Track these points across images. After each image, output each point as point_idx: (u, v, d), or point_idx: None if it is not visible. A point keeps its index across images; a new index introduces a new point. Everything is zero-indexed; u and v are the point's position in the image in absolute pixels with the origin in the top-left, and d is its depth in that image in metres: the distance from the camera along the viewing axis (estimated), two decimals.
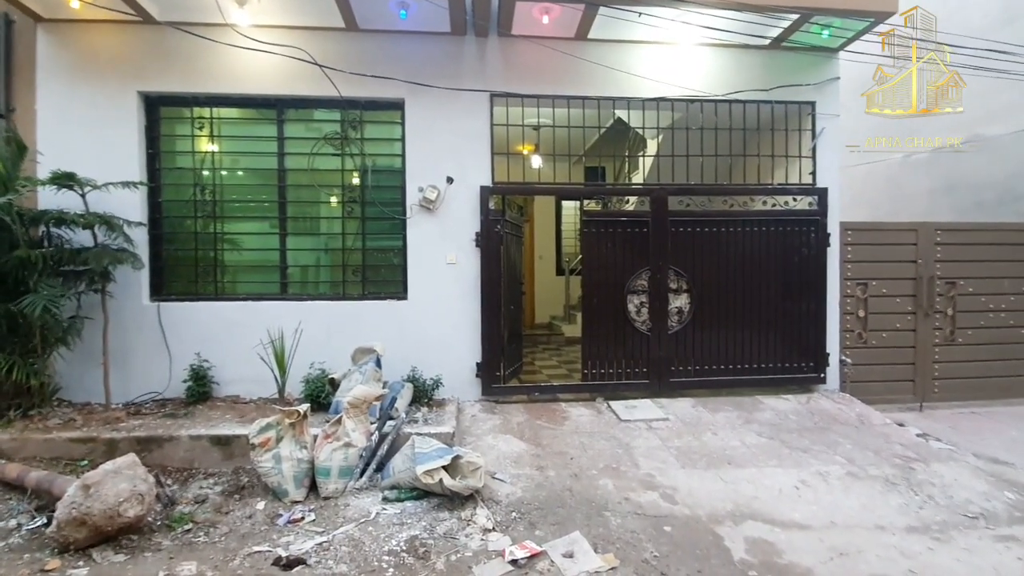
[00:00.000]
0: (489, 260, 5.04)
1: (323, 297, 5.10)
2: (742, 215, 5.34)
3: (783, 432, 4.54)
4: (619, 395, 5.23)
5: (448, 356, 5.06)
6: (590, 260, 5.22)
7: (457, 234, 5.07)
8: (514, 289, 5.59)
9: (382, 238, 5.22)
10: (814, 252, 5.42)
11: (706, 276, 5.30)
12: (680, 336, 5.28)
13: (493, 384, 5.08)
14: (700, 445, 4.25)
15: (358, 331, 4.93)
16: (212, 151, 5.06)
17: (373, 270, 5.21)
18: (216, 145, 5.08)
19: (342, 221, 5.12)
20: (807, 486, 3.69)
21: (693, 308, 5.28)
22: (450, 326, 5.08)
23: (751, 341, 5.37)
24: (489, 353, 5.06)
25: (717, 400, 5.21)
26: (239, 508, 3.40)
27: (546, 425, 4.60)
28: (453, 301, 5.08)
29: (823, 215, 5.41)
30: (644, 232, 5.22)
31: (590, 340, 5.21)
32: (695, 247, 5.28)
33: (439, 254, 5.07)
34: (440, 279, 5.07)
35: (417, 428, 4.10)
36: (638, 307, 5.24)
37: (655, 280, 5.22)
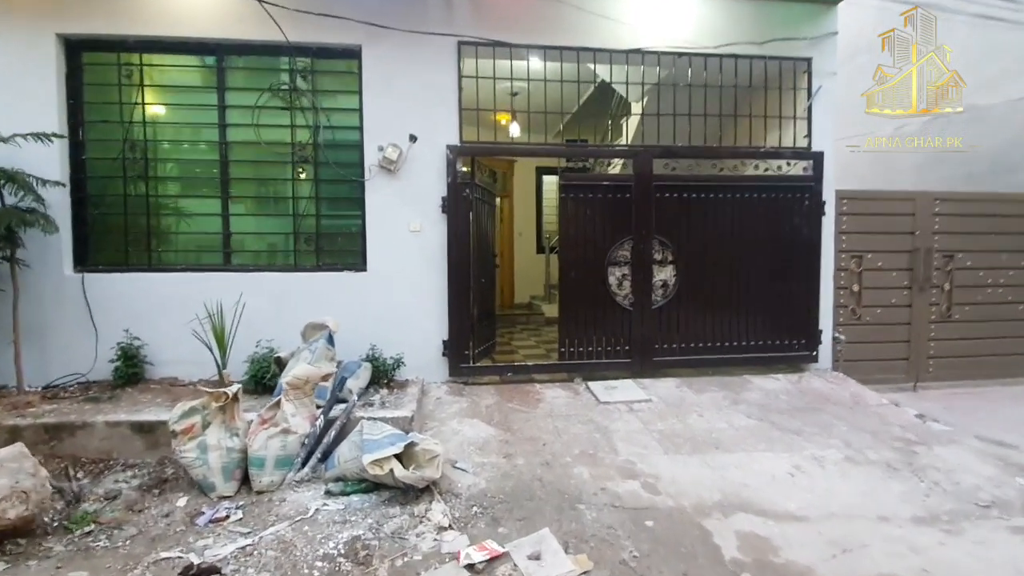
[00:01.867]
0: (457, 229, 4.57)
1: (272, 268, 4.60)
2: (732, 180, 4.93)
3: (773, 413, 4.19)
4: (599, 375, 4.84)
5: (412, 334, 4.61)
6: (568, 229, 4.77)
7: (421, 199, 4.59)
8: (486, 262, 5.14)
9: (338, 203, 4.71)
10: (808, 221, 5.04)
11: (693, 246, 4.90)
12: (664, 311, 4.89)
13: (461, 364, 4.65)
14: (685, 428, 3.88)
15: (312, 305, 4.45)
16: (143, 103, 4.48)
17: (328, 238, 4.71)
18: (148, 96, 4.50)
19: (292, 183, 4.59)
20: (802, 472, 3.34)
21: (678, 281, 4.89)
22: (414, 301, 4.62)
23: (739, 317, 5.01)
24: (457, 330, 4.62)
25: (703, 380, 4.85)
26: (156, 505, 2.94)
27: (518, 408, 4.19)
28: (417, 273, 4.62)
29: (818, 181, 5.02)
30: (627, 198, 4.79)
31: (568, 316, 4.80)
32: (681, 215, 4.87)
33: (401, 221, 4.58)
34: (403, 249, 4.59)
35: (372, 412, 3.65)
36: (619, 280, 4.84)
37: (638, 251, 4.81)
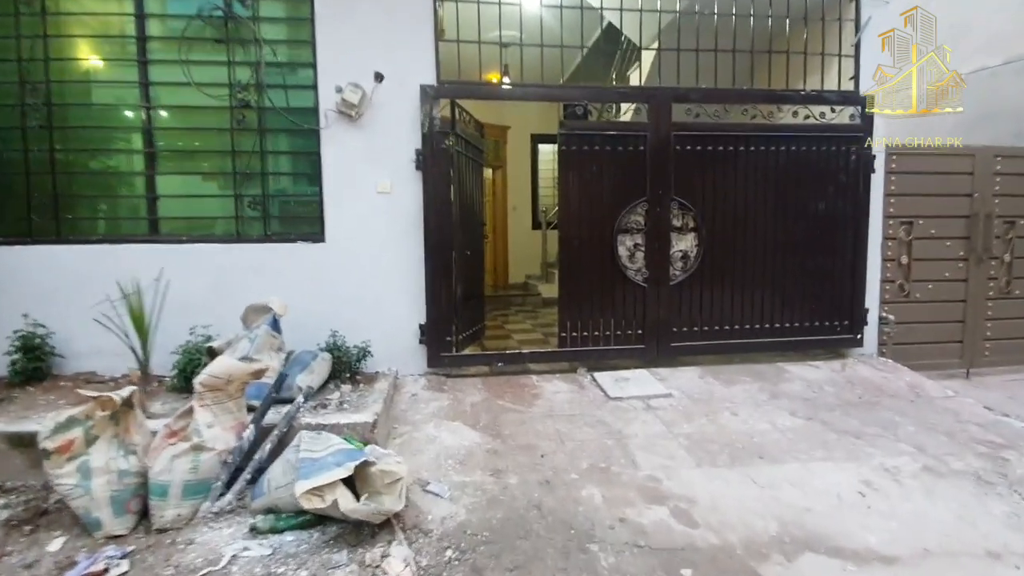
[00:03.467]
0: (435, 189, 3.76)
1: (210, 238, 3.78)
2: (765, 130, 4.11)
3: (822, 410, 3.44)
4: (606, 364, 4.07)
5: (382, 317, 3.83)
6: (569, 190, 3.96)
7: (390, 153, 3.76)
8: (472, 230, 4.33)
9: (289, 158, 3.88)
10: (854, 180, 4.24)
11: (719, 210, 4.10)
12: (684, 288, 4.11)
13: (443, 353, 3.87)
14: (718, 431, 3.12)
15: (259, 283, 3.66)
16: (46, 36, 3.61)
17: (279, 202, 3.89)
18: (51, 28, 3.63)
19: (231, 134, 3.75)
20: (874, 489, 2.59)
21: (701, 252, 4.10)
22: (384, 277, 3.83)
23: (772, 294, 4.23)
24: (436, 313, 3.83)
25: (730, 369, 4.09)
26: (22, 549, 2.17)
27: (511, 406, 3.43)
28: (388, 244, 3.81)
29: (867, 131, 4.21)
30: (640, 152, 3.97)
31: (569, 295, 4.01)
32: (705, 172, 4.06)
33: (367, 180, 3.76)
34: (369, 214, 3.78)
35: (324, 416, 2.88)
36: (631, 251, 4.04)
37: (653, 216, 4.01)
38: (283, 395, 3.12)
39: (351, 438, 2.62)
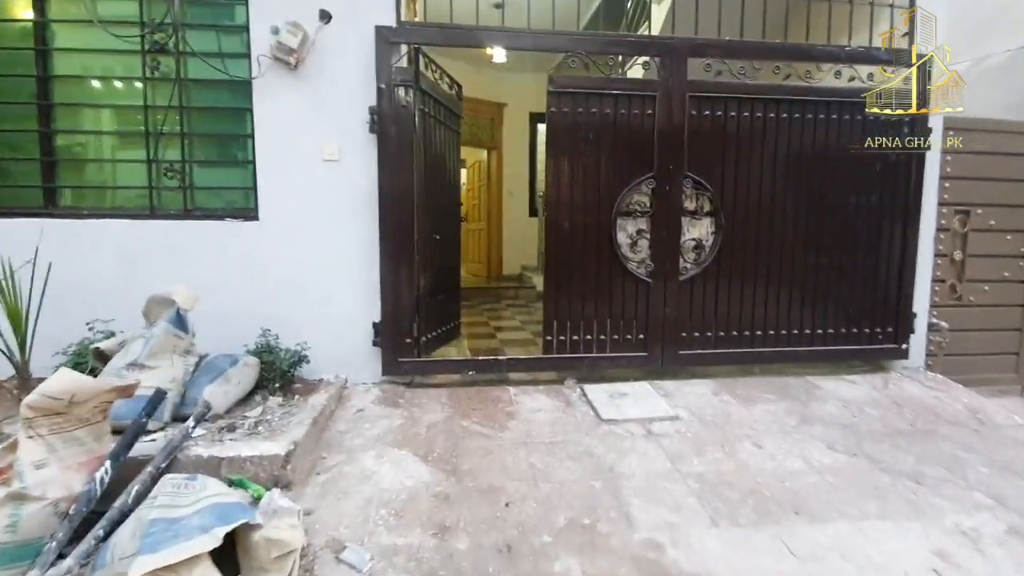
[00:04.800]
0: (394, 158, 3.06)
1: (118, 213, 3.10)
2: (800, 94, 3.37)
3: (867, 441, 2.75)
4: (600, 374, 3.39)
5: (328, 313, 3.15)
6: (559, 163, 3.25)
7: (339, 111, 3.07)
8: (443, 210, 3.64)
9: (215, 116, 3.19)
10: (905, 157, 3.51)
11: (741, 190, 3.39)
12: (697, 284, 3.41)
13: (401, 357, 3.19)
14: (738, 469, 2.44)
15: (177, 269, 2.99)
16: None
17: (204, 171, 3.20)
18: None
19: (144, 85, 3.06)
20: (954, 565, 1.90)
21: (719, 241, 3.39)
22: (330, 265, 3.15)
23: (802, 293, 3.53)
24: (394, 309, 3.15)
25: (749, 383, 3.40)
26: None
27: (478, 428, 2.75)
28: (336, 224, 3.13)
29: (922, 100, 3.48)
30: (648, 117, 3.25)
31: (557, 290, 3.32)
32: (727, 143, 3.35)
33: (310, 144, 3.07)
34: (313, 187, 3.09)
35: (225, 444, 2.21)
36: (633, 238, 3.34)
37: (662, 195, 3.30)
38: (186, 412, 2.47)
39: (245, 481, 1.96)
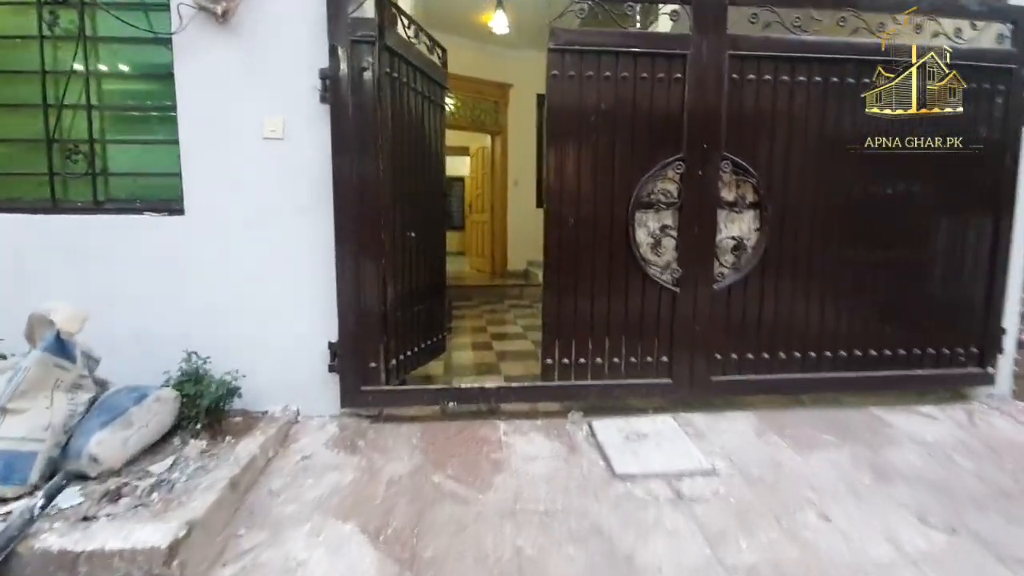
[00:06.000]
0: (353, 134, 2.41)
1: (10, 206, 2.50)
2: (872, 52, 2.65)
3: (967, 507, 2.07)
4: (614, 404, 2.74)
5: (273, 329, 2.54)
6: (563, 140, 2.58)
7: (283, 74, 2.43)
8: (420, 200, 2.98)
9: (130, 83, 2.56)
10: (999, 136, 2.79)
11: (794, 177, 2.70)
12: (736, 294, 2.73)
13: (365, 385, 2.56)
14: (803, 557, 1.77)
15: (83, 277, 2.40)
16: None
17: (117, 153, 2.58)
18: None
19: (40, 44, 2.43)
20: None
21: (764, 239, 2.71)
22: (276, 270, 2.52)
23: (864, 306, 2.84)
24: (354, 326, 2.51)
25: (799, 418, 2.73)
26: None
27: (452, 488, 2.11)
28: (281, 219, 2.50)
29: (1021, 62, 2.75)
30: (676, 81, 2.57)
31: (559, 302, 2.65)
32: (777, 116, 2.65)
33: (247, 118, 2.43)
34: (251, 172, 2.46)
35: (94, 527, 1.61)
36: (656, 236, 2.67)
37: (693, 183, 2.62)
38: (70, 468, 1.88)
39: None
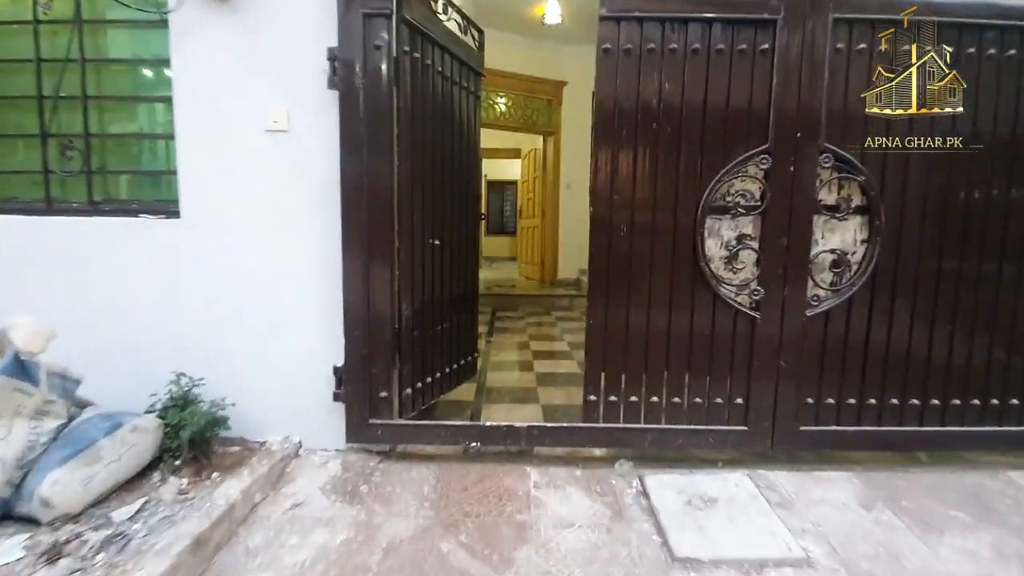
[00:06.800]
0: (364, 125, 2.05)
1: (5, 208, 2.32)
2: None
3: None
4: (672, 454, 2.23)
5: (273, 348, 2.22)
6: (614, 132, 2.11)
7: (287, 56, 2.11)
8: (453, 203, 2.59)
9: (127, 72, 2.32)
10: None
11: (917, 175, 2.09)
12: (835, 322, 2.15)
13: (374, 418, 2.19)
14: None
15: (74, 284, 2.18)
16: None
17: (111, 149, 2.34)
18: None
19: (34, 30, 2.24)
20: None
21: (875, 253, 2.12)
22: (277, 281, 2.20)
23: (1002, 342, 2.18)
24: (365, 347, 2.15)
25: (916, 481, 2.11)
26: None
27: (464, 562, 1.68)
28: (284, 223, 2.18)
29: None
30: (762, 54, 2.03)
31: (606, 326, 2.18)
32: None
33: (248, 108, 2.13)
34: (253, 170, 2.16)
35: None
36: (731, 248, 2.14)
37: (781, 181, 2.07)
38: (20, 511, 1.62)
39: None
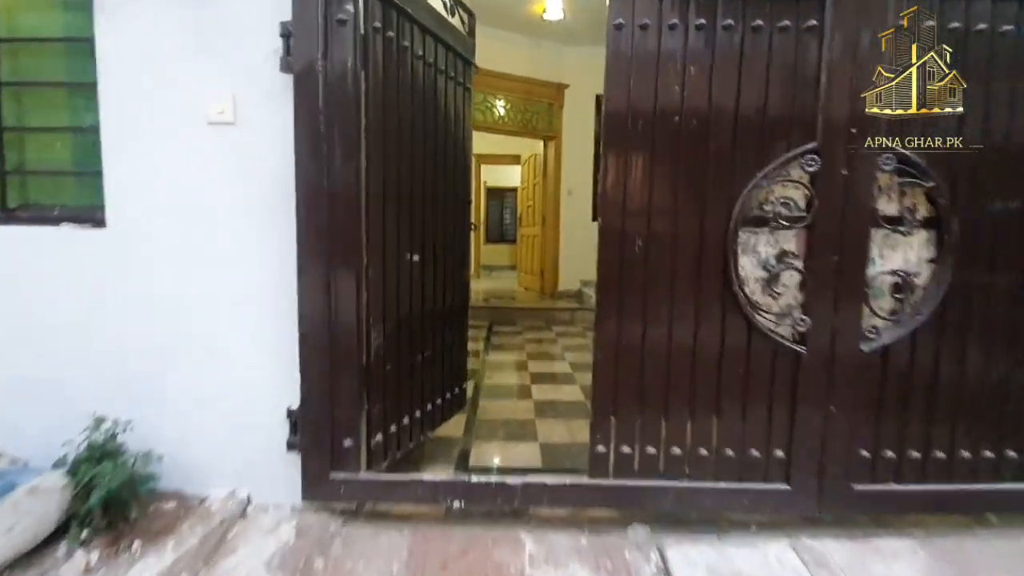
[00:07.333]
0: (324, 116, 1.69)
1: None
2: None
3: None
4: (698, 517, 1.84)
5: (217, 384, 1.84)
6: (627, 127, 1.74)
7: (234, 33, 1.75)
8: (440, 212, 2.22)
9: (40, 51, 1.95)
10: None
11: (994, 186, 1.72)
12: (896, 358, 1.76)
13: (338, 470, 1.80)
14: None
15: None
16: None
17: (29, 144, 1.98)
18: None
19: None
20: None
21: (944, 276, 1.74)
22: (222, 304, 1.83)
23: None
24: (325, 385, 1.77)
25: (989, 549, 1.73)
26: None
27: None
28: (231, 235, 1.81)
29: None
30: (807, 32, 1.66)
31: (619, 358, 1.80)
32: (974, 87, 1.69)
33: (188, 96, 1.77)
34: (193, 170, 1.79)
35: None
36: (770, 268, 1.76)
37: (831, 187, 1.70)
38: None
39: None
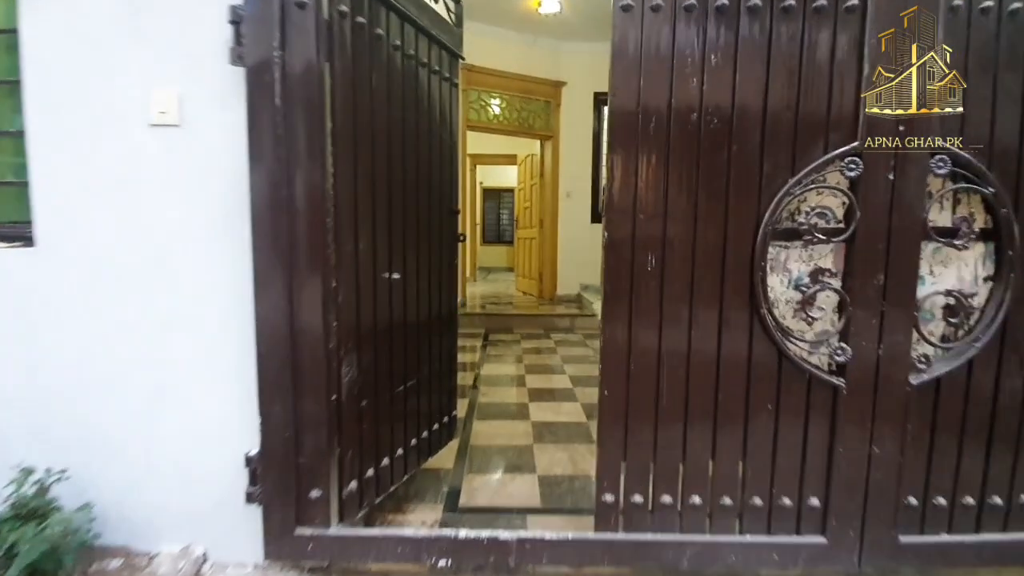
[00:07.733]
0: (282, 115, 1.44)
1: None
2: None
3: None
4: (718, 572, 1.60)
5: (167, 425, 1.59)
6: (636, 126, 1.50)
7: (175, 23, 1.50)
8: (423, 223, 1.98)
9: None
10: None
11: None
12: (949, 392, 1.53)
13: (304, 525, 1.56)
14: None
15: None
16: None
17: None
18: None
19: None
20: None
21: (1005, 296, 1.50)
22: (167, 333, 1.58)
23: None
24: (286, 430, 1.52)
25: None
26: None
27: None
28: (176, 252, 1.56)
29: None
30: (848, 14, 1.42)
31: (630, 395, 1.56)
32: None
33: (127, 94, 1.52)
34: (131, 181, 1.55)
35: None
36: (805, 288, 1.52)
37: (874, 194, 1.46)
38: None
39: None
